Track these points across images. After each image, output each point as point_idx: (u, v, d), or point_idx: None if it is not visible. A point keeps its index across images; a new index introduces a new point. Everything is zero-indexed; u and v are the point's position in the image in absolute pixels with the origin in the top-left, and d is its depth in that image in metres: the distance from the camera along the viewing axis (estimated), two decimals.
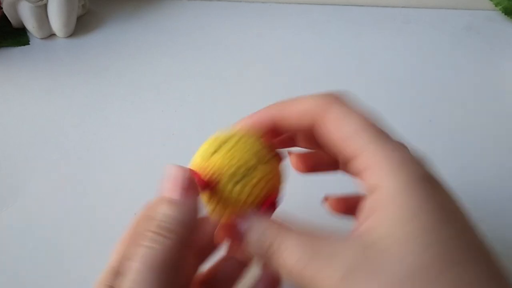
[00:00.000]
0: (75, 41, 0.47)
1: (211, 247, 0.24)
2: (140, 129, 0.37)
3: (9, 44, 0.45)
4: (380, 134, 0.19)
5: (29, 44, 0.46)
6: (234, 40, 0.48)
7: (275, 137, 0.22)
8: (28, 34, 0.47)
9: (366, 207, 0.18)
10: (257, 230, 0.19)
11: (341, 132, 0.19)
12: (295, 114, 0.21)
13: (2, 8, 0.45)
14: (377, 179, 0.18)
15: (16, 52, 0.45)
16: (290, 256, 0.17)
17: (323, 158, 0.23)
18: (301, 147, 0.23)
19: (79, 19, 0.49)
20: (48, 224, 0.30)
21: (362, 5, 0.53)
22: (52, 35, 0.47)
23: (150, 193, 0.32)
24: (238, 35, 0.48)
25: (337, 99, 0.20)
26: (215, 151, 0.21)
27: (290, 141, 0.23)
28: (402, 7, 0.53)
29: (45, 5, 0.45)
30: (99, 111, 0.39)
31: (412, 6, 0.53)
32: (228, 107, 0.39)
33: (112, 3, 0.53)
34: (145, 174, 0.33)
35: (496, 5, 0.51)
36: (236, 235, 0.20)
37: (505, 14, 0.51)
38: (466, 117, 0.39)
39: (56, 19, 0.46)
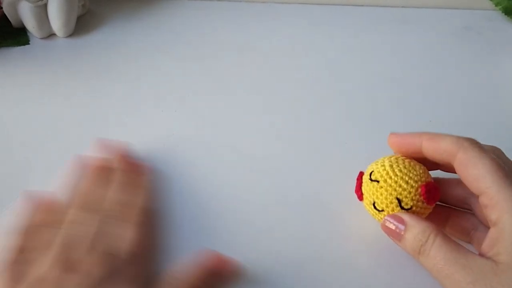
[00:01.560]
0: (75, 41, 0.47)
1: None
2: (140, 129, 0.37)
3: (9, 44, 0.45)
4: (505, 177, 0.23)
5: (29, 44, 0.46)
6: (234, 40, 0.48)
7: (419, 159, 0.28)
8: (28, 34, 0.47)
9: (489, 237, 0.23)
10: (415, 228, 0.25)
11: (472, 173, 0.24)
12: (435, 148, 0.26)
13: (2, 8, 0.45)
14: (497, 215, 0.23)
15: (16, 52, 0.45)
16: (436, 255, 0.24)
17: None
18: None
19: (79, 19, 0.49)
20: None
21: (362, 5, 0.53)
22: (52, 35, 0.47)
23: (149, 192, 0.32)
24: (238, 35, 0.48)
25: (472, 143, 0.25)
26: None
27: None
28: (402, 7, 0.53)
29: (45, 5, 0.45)
30: (99, 111, 0.39)
31: (411, 6, 0.53)
32: (228, 107, 0.39)
33: (112, 3, 0.53)
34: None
35: (496, 5, 0.51)
36: (394, 233, 0.26)
37: (505, 14, 0.51)
38: (466, 117, 0.39)
39: (56, 19, 0.46)
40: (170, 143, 0.36)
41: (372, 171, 0.28)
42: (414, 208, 0.26)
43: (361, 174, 0.29)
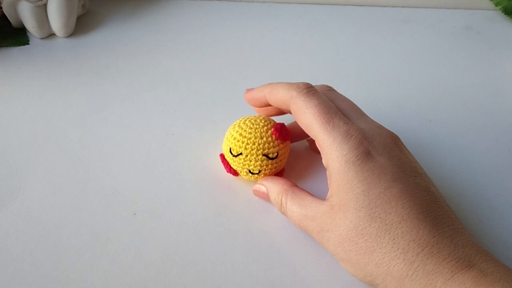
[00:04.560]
0: (75, 41, 0.47)
1: None
2: (140, 129, 0.37)
3: (9, 44, 0.45)
4: (328, 121, 0.26)
5: (29, 44, 0.46)
6: (234, 40, 0.48)
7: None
8: (28, 34, 0.47)
9: (327, 178, 0.27)
10: (272, 193, 0.29)
11: (302, 122, 0.27)
12: (275, 100, 0.29)
13: (2, 8, 0.45)
14: (325, 161, 0.26)
15: (16, 52, 0.45)
16: (292, 214, 0.27)
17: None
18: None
19: (79, 19, 0.49)
20: (48, 224, 0.30)
21: (362, 5, 0.53)
22: (52, 35, 0.47)
23: (150, 192, 0.32)
24: (238, 35, 0.48)
25: (299, 91, 0.27)
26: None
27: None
28: (402, 7, 0.53)
29: (45, 5, 0.45)
30: (99, 111, 0.39)
31: (412, 6, 0.53)
32: (228, 107, 0.39)
33: (112, 3, 0.53)
34: (145, 174, 0.33)
35: (496, 5, 0.51)
36: (265, 196, 0.30)
37: (505, 14, 0.51)
38: (466, 117, 0.39)
39: (56, 19, 0.46)
40: (170, 143, 0.36)
41: (230, 148, 0.31)
42: (280, 153, 0.30)
43: (221, 155, 0.32)
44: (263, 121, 0.31)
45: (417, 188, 0.24)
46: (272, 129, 0.30)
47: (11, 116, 0.38)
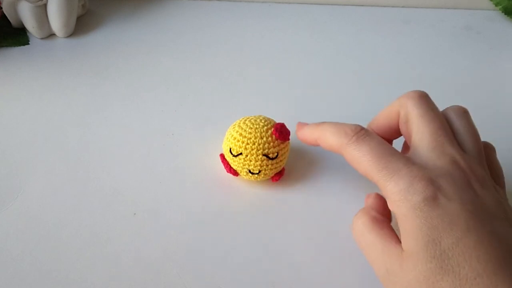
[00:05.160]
0: (75, 41, 0.47)
1: None
2: (140, 129, 0.37)
3: (9, 44, 0.45)
4: (386, 169, 0.24)
5: (28, 44, 0.46)
6: (234, 40, 0.48)
7: None
8: (28, 34, 0.47)
9: (397, 224, 0.25)
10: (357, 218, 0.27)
11: (360, 170, 0.26)
12: (326, 147, 0.28)
13: (1, 8, 0.45)
14: (390, 207, 0.24)
15: (16, 52, 0.45)
16: (361, 238, 0.26)
17: None
18: None
19: (79, 19, 0.49)
20: (48, 224, 0.30)
21: (362, 5, 0.53)
22: (52, 35, 0.47)
23: (150, 192, 0.32)
24: (238, 35, 0.48)
25: (349, 141, 0.26)
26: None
27: None
28: (402, 7, 0.53)
29: (45, 5, 0.45)
30: (99, 111, 0.39)
31: (412, 6, 0.53)
32: (228, 107, 0.39)
33: (112, 3, 0.53)
34: (145, 174, 0.33)
35: (496, 5, 0.51)
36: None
37: (505, 14, 0.51)
38: None
39: (56, 19, 0.45)
40: (170, 143, 0.36)
41: (230, 148, 0.31)
42: (280, 153, 0.31)
43: (221, 155, 0.32)
44: (263, 121, 0.31)
45: (493, 238, 0.22)
46: (272, 129, 0.30)
47: (11, 116, 0.38)
